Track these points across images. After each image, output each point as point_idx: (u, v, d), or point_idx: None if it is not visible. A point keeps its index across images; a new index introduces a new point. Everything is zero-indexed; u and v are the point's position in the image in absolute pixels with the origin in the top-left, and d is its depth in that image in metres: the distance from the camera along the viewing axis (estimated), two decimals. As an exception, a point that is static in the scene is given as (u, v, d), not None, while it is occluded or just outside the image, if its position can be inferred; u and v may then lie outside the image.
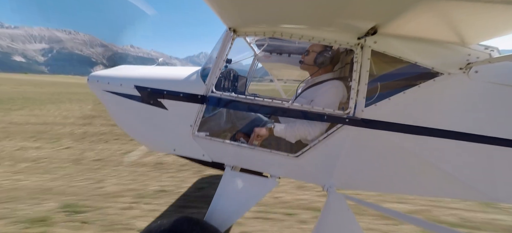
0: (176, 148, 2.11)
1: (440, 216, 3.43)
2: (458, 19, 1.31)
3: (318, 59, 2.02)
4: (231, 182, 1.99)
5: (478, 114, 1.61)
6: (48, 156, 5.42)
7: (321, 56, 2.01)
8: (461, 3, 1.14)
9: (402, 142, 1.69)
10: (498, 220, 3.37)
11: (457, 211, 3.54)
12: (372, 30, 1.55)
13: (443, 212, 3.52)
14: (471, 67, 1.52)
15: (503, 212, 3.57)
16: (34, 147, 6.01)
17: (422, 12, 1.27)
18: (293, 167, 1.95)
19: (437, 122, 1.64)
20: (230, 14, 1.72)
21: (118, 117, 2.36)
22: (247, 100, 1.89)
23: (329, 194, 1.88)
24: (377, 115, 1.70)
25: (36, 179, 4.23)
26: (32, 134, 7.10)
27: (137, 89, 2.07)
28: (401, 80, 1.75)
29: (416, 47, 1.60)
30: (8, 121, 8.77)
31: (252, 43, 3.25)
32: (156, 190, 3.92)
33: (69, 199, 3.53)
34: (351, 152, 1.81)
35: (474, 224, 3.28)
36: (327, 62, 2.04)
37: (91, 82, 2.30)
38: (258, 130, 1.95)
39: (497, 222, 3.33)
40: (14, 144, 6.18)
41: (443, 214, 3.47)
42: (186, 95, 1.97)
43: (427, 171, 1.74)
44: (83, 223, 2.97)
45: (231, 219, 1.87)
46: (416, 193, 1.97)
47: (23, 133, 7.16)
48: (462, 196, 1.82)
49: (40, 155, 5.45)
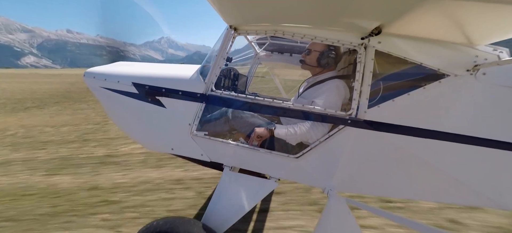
0: (174, 147, 2.07)
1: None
2: (465, 19, 1.27)
3: (322, 59, 1.98)
4: (230, 183, 1.96)
5: (485, 117, 1.56)
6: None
7: (325, 57, 1.97)
8: (469, 2, 1.10)
9: (405, 145, 1.65)
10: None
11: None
12: (376, 30, 1.52)
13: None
14: (478, 69, 1.47)
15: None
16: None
17: (428, 11, 1.24)
18: (293, 169, 1.92)
19: (442, 125, 1.59)
20: (231, 12, 1.69)
21: (114, 114, 2.32)
22: (247, 99, 1.85)
23: (329, 197, 1.85)
24: (380, 116, 1.66)
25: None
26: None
27: (135, 86, 2.03)
28: (406, 81, 1.72)
29: (422, 48, 1.56)
30: None
31: (253, 41, 3.21)
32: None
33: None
34: (353, 154, 1.78)
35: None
36: (331, 63, 2.00)
37: (87, 78, 2.26)
38: (259, 130, 1.91)
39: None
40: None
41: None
42: (185, 93, 1.93)
43: (431, 175, 1.70)
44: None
45: (229, 221, 1.83)
46: (420, 198, 1.93)
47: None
48: (467, 202, 1.78)
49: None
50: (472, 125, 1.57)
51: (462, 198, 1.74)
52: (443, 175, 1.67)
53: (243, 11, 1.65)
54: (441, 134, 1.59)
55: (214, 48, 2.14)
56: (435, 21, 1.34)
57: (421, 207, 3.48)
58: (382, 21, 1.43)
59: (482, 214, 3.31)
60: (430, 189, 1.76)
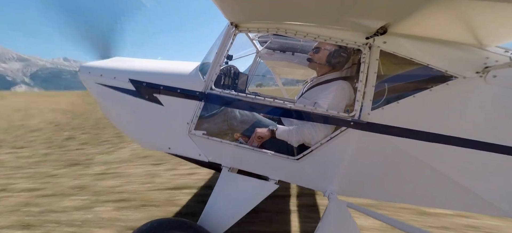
0: (171, 146, 2.02)
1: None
2: (476, 19, 1.22)
3: (332, 58, 1.89)
4: (228, 184, 1.91)
5: (494, 122, 1.51)
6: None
7: (336, 56, 1.88)
8: (480, 2, 1.04)
9: (410, 148, 1.60)
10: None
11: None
12: (381, 29, 1.47)
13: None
14: (489, 71, 1.42)
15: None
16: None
17: (436, 11, 1.19)
18: (293, 171, 1.87)
19: (449, 128, 1.54)
20: (232, 8, 1.64)
21: (110, 112, 2.26)
22: (247, 98, 1.80)
23: (330, 201, 1.79)
24: (384, 119, 1.61)
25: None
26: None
27: (132, 83, 1.98)
28: (411, 83, 1.66)
29: (429, 48, 1.51)
30: None
31: (255, 39, 3.15)
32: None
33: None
34: (355, 157, 1.73)
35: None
36: (342, 63, 1.91)
37: (82, 73, 2.20)
38: (260, 131, 1.86)
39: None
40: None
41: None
42: (184, 91, 1.89)
43: (436, 181, 1.65)
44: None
45: (226, 223, 1.78)
46: (424, 204, 1.88)
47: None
48: (475, 210, 1.72)
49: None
50: (481, 129, 1.52)
51: (469, 206, 1.68)
52: (449, 181, 1.61)
53: (245, 8, 1.61)
54: (447, 138, 1.54)
55: (214, 45, 2.09)
56: (444, 21, 1.29)
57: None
58: (388, 20, 1.39)
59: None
60: (435, 196, 1.71)
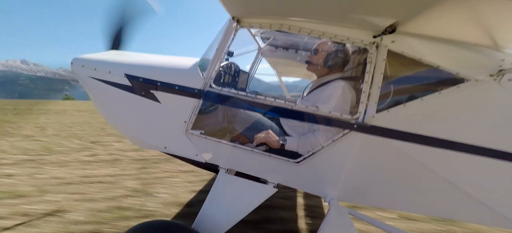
0: (167, 145, 1.95)
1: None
2: (492, 18, 1.15)
3: (329, 60, 1.87)
4: (225, 186, 1.84)
5: (508, 128, 1.43)
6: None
7: (333, 57, 1.86)
8: (501, 0, 0.97)
9: (416, 154, 1.53)
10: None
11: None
12: (390, 28, 1.40)
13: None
14: (504, 74, 1.35)
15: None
16: None
17: (450, 9, 1.13)
18: (292, 174, 1.80)
19: (458, 134, 1.47)
20: (234, 1, 1.57)
21: (104, 108, 2.17)
22: (247, 97, 1.74)
23: (330, 207, 1.72)
24: (390, 122, 1.54)
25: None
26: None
27: (127, 78, 1.91)
28: (419, 85, 1.60)
29: (440, 49, 1.45)
30: None
31: (257, 35, 3.06)
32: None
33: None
34: (357, 162, 1.66)
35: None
36: (339, 64, 1.89)
37: (75, 67, 2.09)
38: (270, 140, 1.77)
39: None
40: None
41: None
42: (182, 88, 1.82)
43: (443, 189, 1.58)
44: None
45: (222, 227, 1.71)
46: (429, 213, 1.81)
47: None
48: (484, 221, 1.64)
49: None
50: (493, 136, 1.45)
51: (479, 217, 1.61)
52: (457, 190, 1.54)
53: (248, 2, 1.55)
54: (456, 145, 1.47)
55: (214, 41, 2.01)
56: (458, 20, 1.22)
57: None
58: (398, 18, 1.32)
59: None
60: (443, 205, 1.64)
